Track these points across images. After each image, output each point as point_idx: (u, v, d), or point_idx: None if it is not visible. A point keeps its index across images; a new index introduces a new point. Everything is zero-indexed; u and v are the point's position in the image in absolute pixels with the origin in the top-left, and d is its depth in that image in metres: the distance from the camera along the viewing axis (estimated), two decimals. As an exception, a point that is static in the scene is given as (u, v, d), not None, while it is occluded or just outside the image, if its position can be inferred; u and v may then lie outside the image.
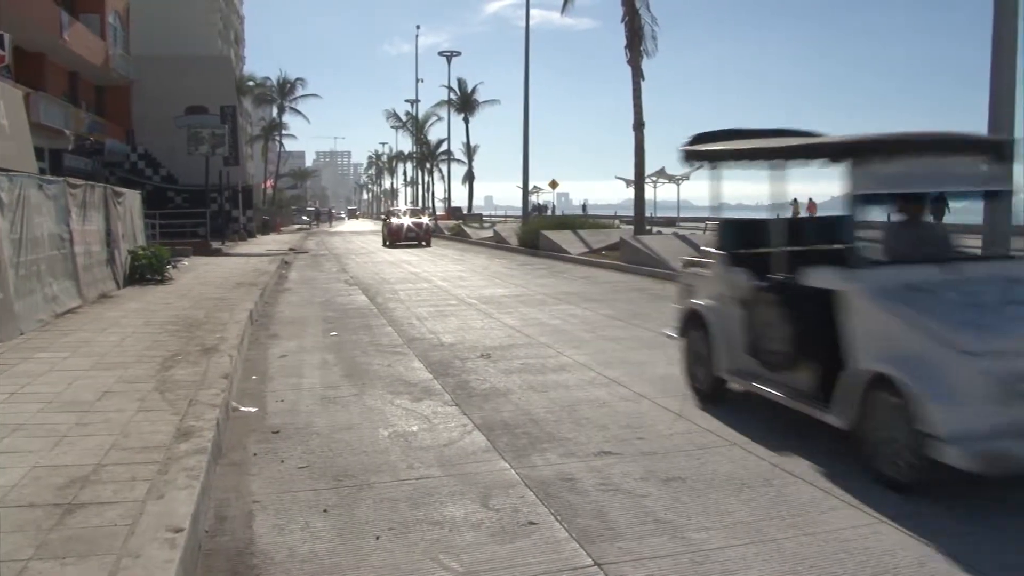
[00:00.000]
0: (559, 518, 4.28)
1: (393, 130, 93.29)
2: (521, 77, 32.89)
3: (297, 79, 69.50)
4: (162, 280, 15.82)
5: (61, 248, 11.42)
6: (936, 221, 6.69)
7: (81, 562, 3.37)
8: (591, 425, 6.03)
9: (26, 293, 9.71)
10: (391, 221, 35.69)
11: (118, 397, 6.26)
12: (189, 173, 32.88)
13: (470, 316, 12.09)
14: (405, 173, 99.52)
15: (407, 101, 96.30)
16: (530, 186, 37.92)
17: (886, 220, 6.14)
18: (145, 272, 15.60)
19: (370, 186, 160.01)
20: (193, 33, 48.50)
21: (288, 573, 3.71)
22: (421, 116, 78.23)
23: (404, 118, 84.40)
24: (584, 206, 73.99)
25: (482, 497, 4.60)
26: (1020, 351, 4.37)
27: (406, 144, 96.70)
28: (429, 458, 5.32)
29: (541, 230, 26.95)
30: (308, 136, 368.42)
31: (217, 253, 26.28)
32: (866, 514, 4.29)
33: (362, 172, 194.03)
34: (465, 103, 69.04)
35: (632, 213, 29.84)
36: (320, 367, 8.40)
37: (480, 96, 69.70)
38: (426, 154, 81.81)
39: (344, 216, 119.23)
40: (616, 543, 3.96)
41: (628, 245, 20.43)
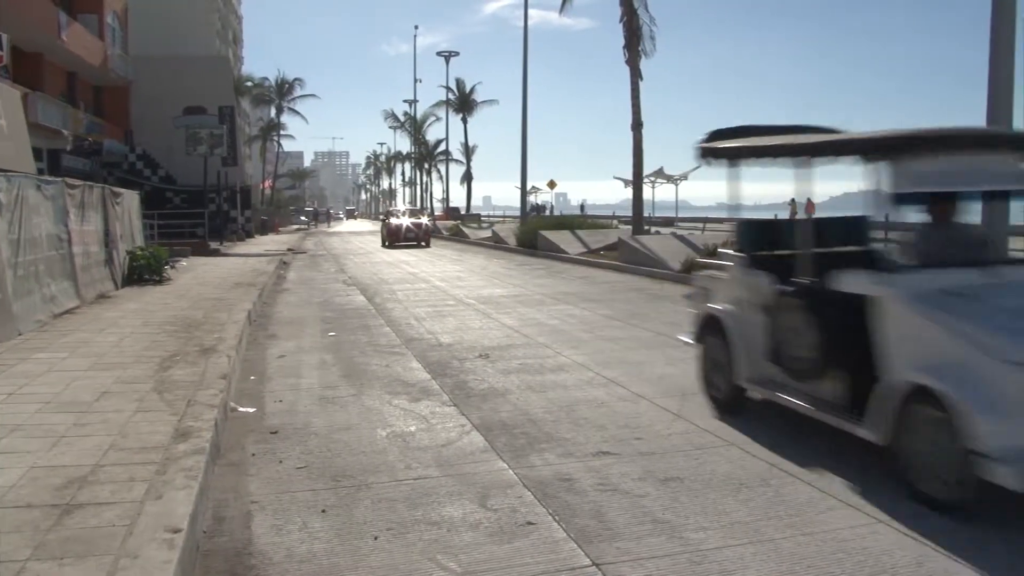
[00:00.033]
0: (557, 518, 4.28)
1: (391, 130, 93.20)
2: (519, 77, 33.02)
3: (295, 79, 69.77)
4: (160, 280, 15.81)
5: (59, 249, 11.41)
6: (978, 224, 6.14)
7: (79, 563, 3.37)
8: (589, 425, 6.03)
9: (24, 294, 9.71)
10: (390, 221, 35.57)
11: (116, 397, 6.25)
12: (187, 173, 32.83)
13: (468, 316, 12.09)
14: (403, 173, 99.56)
15: (405, 101, 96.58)
16: (528, 186, 37.96)
17: (914, 221, 5.67)
18: (143, 272, 15.59)
19: (368, 186, 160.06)
20: (191, 33, 48.53)
21: (286, 573, 3.72)
22: (419, 116, 78.31)
23: (402, 118, 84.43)
24: (582, 206, 73.98)
25: (480, 497, 4.60)
26: None
27: (404, 144, 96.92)
28: (427, 458, 5.32)
29: (539, 230, 26.94)
30: (306, 136, 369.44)
31: (215, 253, 26.28)
32: (864, 514, 4.29)
33: (360, 172, 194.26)
34: (463, 103, 68.97)
35: (630, 213, 29.83)
36: (318, 367, 8.40)
37: (478, 96, 69.74)
38: (424, 154, 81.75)
39: (342, 216, 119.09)
40: (614, 543, 3.96)
41: (626, 245, 20.44)
